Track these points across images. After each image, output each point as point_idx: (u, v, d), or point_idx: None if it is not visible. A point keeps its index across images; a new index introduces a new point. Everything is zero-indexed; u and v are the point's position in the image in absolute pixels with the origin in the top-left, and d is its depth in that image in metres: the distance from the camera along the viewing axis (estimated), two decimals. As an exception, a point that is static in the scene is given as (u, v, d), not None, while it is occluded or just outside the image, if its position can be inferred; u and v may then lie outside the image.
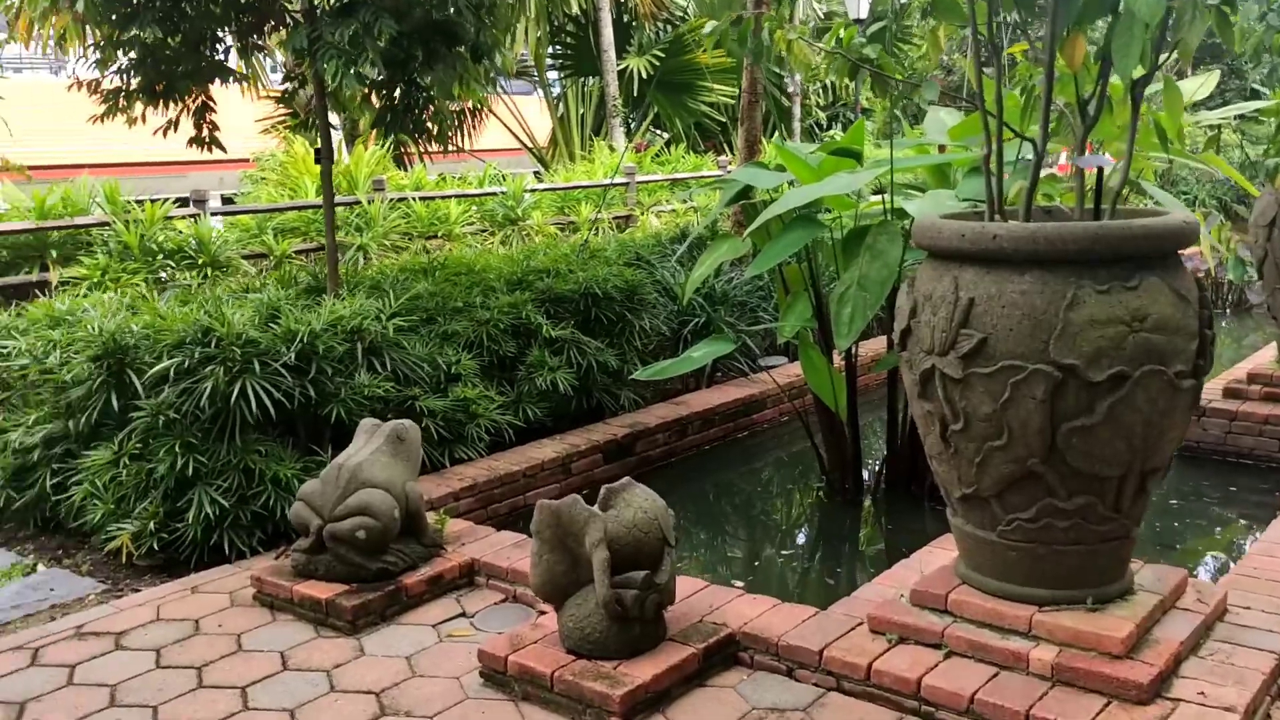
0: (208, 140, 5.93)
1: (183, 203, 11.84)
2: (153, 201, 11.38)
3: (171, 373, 4.40)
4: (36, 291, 10.87)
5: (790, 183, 5.15)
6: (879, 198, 5.21)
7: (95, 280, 10.43)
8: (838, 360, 5.32)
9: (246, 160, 26.52)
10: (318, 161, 5.82)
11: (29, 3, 7.45)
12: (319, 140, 6.02)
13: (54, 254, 10.80)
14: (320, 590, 3.77)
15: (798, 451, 6.33)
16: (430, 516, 4.24)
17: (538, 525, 3.24)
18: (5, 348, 4.98)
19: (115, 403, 4.52)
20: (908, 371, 3.13)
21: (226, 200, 21.57)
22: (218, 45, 5.81)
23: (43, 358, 4.80)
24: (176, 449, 4.30)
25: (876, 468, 5.66)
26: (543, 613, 3.66)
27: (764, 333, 7.11)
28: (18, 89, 18.75)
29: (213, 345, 4.44)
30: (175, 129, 5.88)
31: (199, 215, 11.56)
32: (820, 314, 5.20)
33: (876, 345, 7.42)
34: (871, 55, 3.82)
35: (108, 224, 10.98)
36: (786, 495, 5.89)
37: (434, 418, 5.01)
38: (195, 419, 4.38)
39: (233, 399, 4.34)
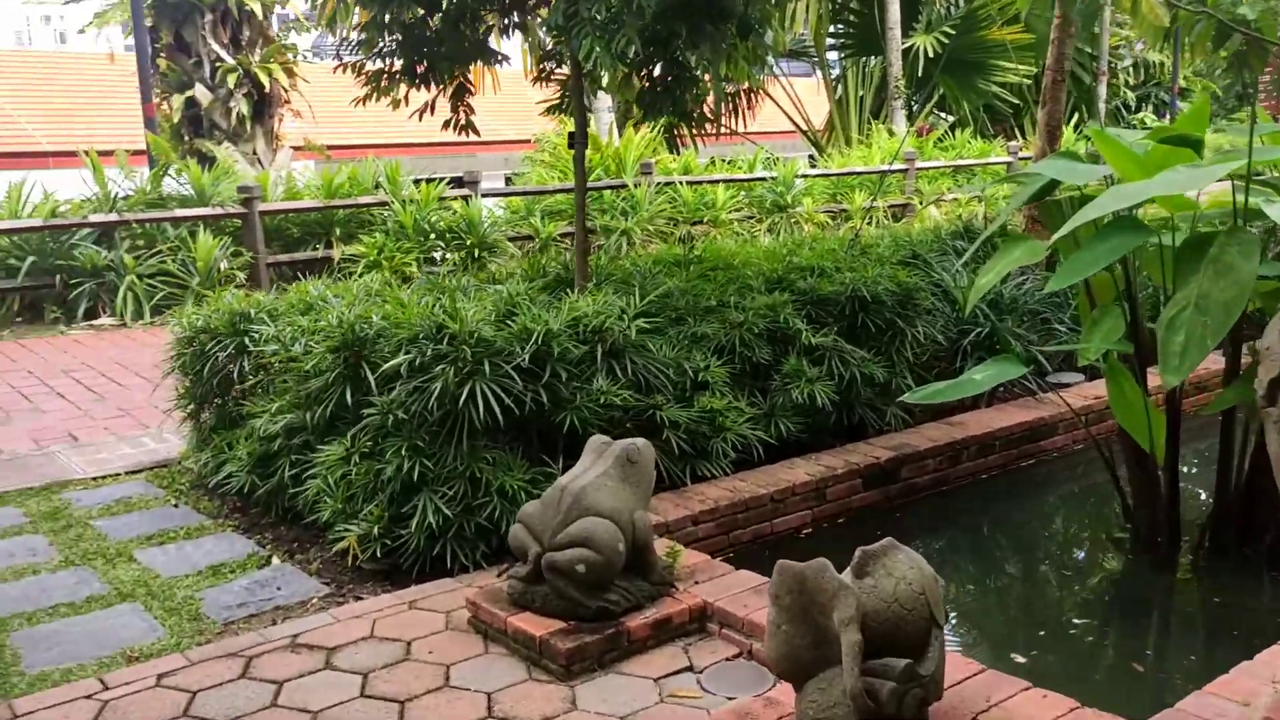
0: (463, 124, 5.74)
1: (457, 183, 12.06)
2: (428, 182, 11.66)
3: (404, 370, 4.18)
4: (320, 268, 11.40)
5: (1108, 178, 4.30)
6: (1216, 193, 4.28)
7: (371, 258, 10.78)
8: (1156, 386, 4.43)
9: (528, 141, 27.27)
10: (571, 146, 5.48)
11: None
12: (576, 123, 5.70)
13: (338, 231, 11.27)
14: (535, 626, 3.39)
15: (1093, 486, 5.44)
16: (662, 546, 3.79)
17: (777, 590, 2.70)
18: (258, 332, 4.96)
19: (350, 397, 4.36)
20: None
21: (509, 181, 22.16)
22: (478, 25, 5.59)
23: (289, 344, 4.72)
24: (404, 451, 4.07)
25: (1199, 520, 4.70)
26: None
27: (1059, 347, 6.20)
28: (320, 72, 20.05)
29: (445, 342, 4.17)
30: (432, 112, 5.73)
31: (470, 196, 11.74)
32: (1136, 334, 4.33)
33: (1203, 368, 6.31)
34: (1249, 14, 2.99)
35: (387, 204, 11.35)
36: (1079, 543, 5.04)
37: (676, 429, 4.56)
38: (424, 420, 4.13)
39: (461, 401, 4.06)
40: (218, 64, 14.71)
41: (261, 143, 15.36)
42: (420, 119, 5.73)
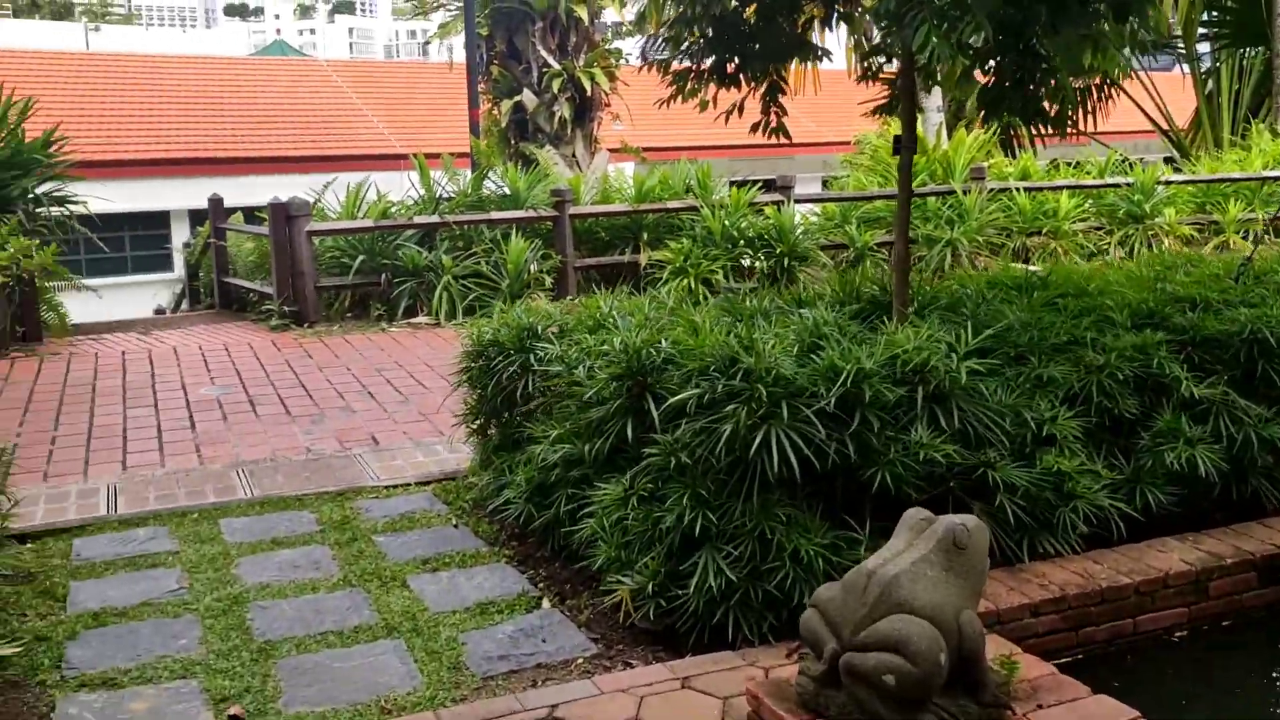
0: (774, 127, 5.17)
1: (769, 187, 11.54)
2: (740, 186, 11.22)
3: (691, 406, 3.66)
4: (626, 273, 11.26)
5: None
6: None
7: (677, 265, 10.47)
8: None
9: (847, 143, 26.35)
10: (896, 152, 4.77)
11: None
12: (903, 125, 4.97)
13: (645, 236, 11.07)
14: (826, 742, 2.76)
15: None
16: (992, 646, 3.04)
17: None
18: (544, 350, 4.63)
19: (632, 431, 3.90)
20: None
21: (826, 185, 21.32)
22: (797, 17, 5.00)
23: (573, 366, 4.35)
24: (686, 500, 3.56)
25: None
26: None
27: None
28: (641, 75, 20.21)
29: (738, 378, 3.62)
30: (740, 114, 5.19)
31: (783, 202, 11.18)
32: None
33: None
34: None
35: (696, 209, 11.01)
36: None
37: (1012, 494, 3.76)
38: (710, 466, 3.60)
39: (753, 447, 3.48)
40: (545, 69, 15.03)
41: (581, 146, 15.56)
42: (726, 122, 5.22)
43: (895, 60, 5.52)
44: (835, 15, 5.09)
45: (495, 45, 15.33)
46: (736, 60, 4.97)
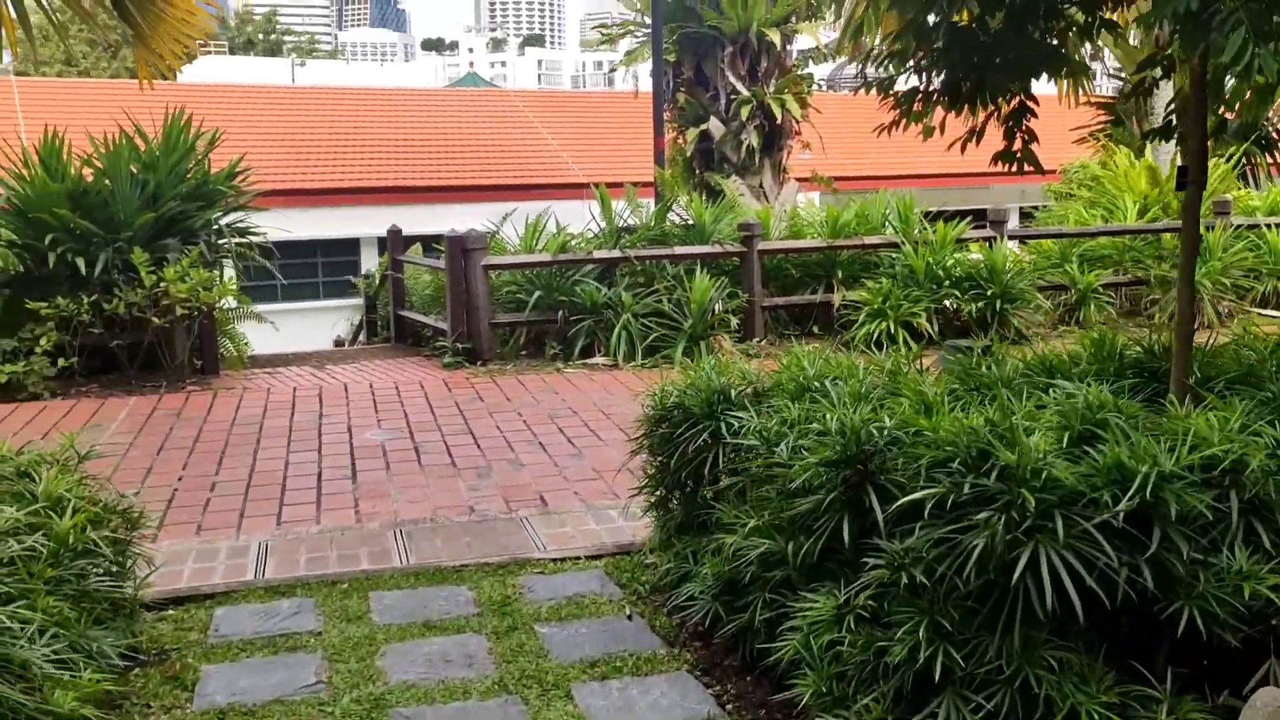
0: (1019, 156, 4.34)
1: (978, 218, 10.55)
2: (944, 219, 10.28)
3: (927, 508, 2.90)
4: (818, 313, 10.46)
5: None
6: None
7: (875, 306, 9.62)
8: None
9: (1052, 172, 24.52)
10: (1181, 186, 3.87)
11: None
12: (1177, 154, 4.08)
13: (840, 274, 10.26)
14: None
15: None
16: None
17: None
18: (738, 420, 3.94)
19: (848, 531, 3.16)
20: None
21: (1024, 216, 19.86)
22: (1053, 25, 4.17)
23: (773, 442, 3.64)
24: (921, 629, 2.80)
25: None
26: None
27: None
28: (832, 102, 19.43)
29: (992, 476, 2.83)
30: (978, 141, 4.39)
31: (995, 238, 10.17)
32: None
33: None
34: None
35: (896, 245, 10.14)
36: None
37: (1361, 643, 2.82)
38: (954, 588, 2.82)
39: (1016, 572, 2.69)
40: (733, 96, 14.43)
41: (769, 176, 14.87)
42: (963, 150, 4.42)
43: (1162, 75, 4.63)
44: (1097, 23, 4.23)
45: (682, 72, 14.85)
46: (975, 77, 4.17)
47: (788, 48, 15.24)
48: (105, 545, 3.63)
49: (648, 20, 15.24)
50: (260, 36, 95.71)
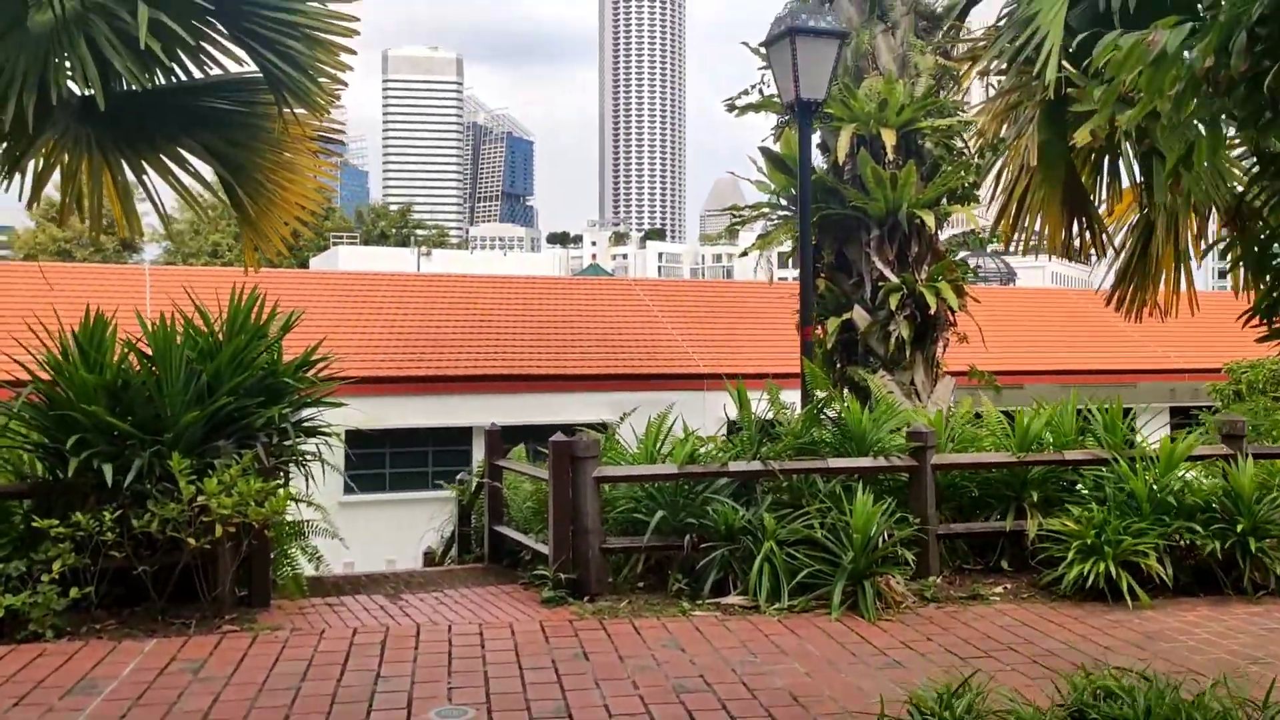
0: None
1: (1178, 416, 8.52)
2: (1173, 435, 8.30)
3: None
4: (1006, 545, 8.45)
5: None
6: None
7: (1088, 540, 7.61)
8: None
9: (1216, 370, 22.22)
10: None
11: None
12: None
13: (1033, 495, 8.30)
14: None
15: None
16: None
17: None
18: None
19: None
20: None
21: (1195, 420, 17.41)
22: None
23: None
24: None
25: None
26: None
27: None
28: (985, 292, 17.74)
29: None
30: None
31: (1234, 455, 8.11)
32: None
33: None
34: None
35: (1105, 462, 8.17)
36: None
37: None
38: None
39: None
40: (880, 283, 12.87)
41: (921, 372, 13.11)
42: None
43: None
44: None
45: (822, 256, 13.41)
46: None
47: (940, 230, 13.74)
48: None
49: (783, 202, 13.99)
50: (394, 231, 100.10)
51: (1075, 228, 13.62)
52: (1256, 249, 4.93)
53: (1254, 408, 16.82)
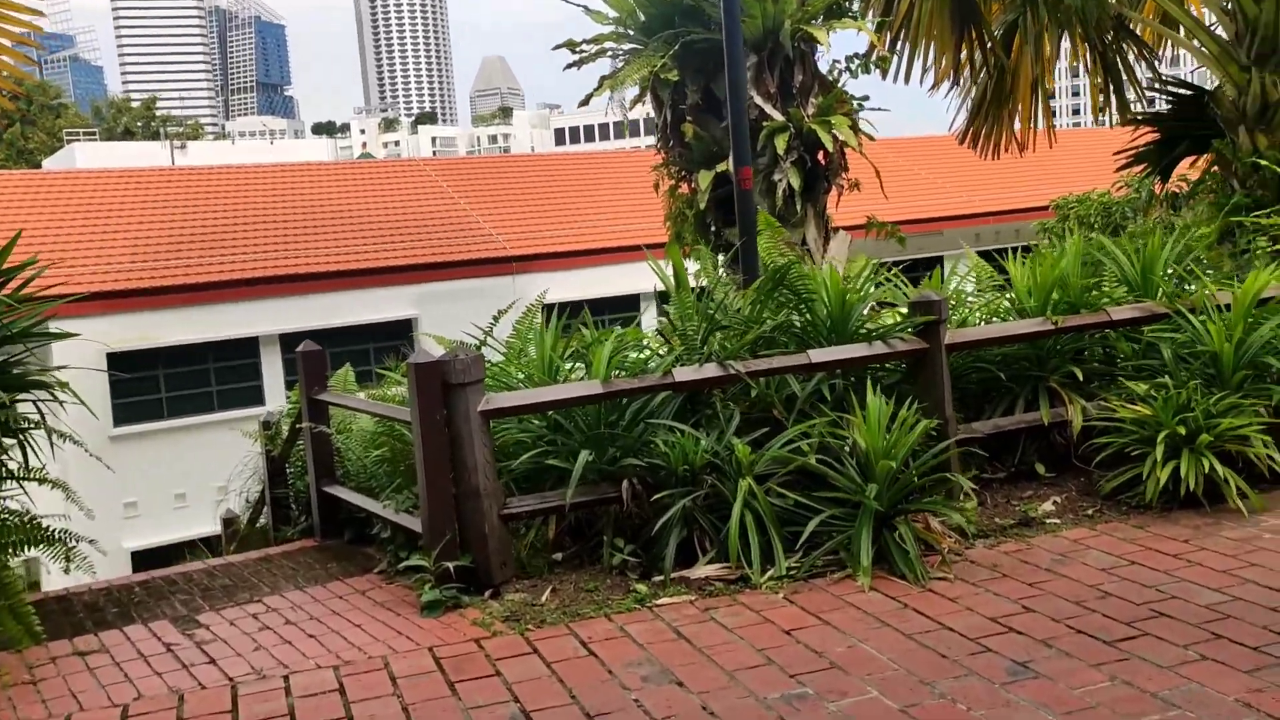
0: None
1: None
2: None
3: None
4: (1025, 440, 6.37)
5: None
6: None
7: (1168, 429, 5.64)
8: None
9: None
10: None
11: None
12: None
13: (1054, 376, 6.30)
14: None
15: None
16: None
17: None
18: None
19: None
20: None
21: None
22: None
23: None
24: None
25: None
26: None
27: None
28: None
29: None
30: None
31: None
32: None
33: None
34: None
35: (1164, 317, 6.22)
36: None
37: None
38: None
39: None
40: (763, 123, 10.53)
41: (813, 228, 10.98)
42: None
43: None
44: None
45: (686, 96, 10.93)
46: None
47: (818, 55, 11.47)
48: None
49: (630, 32, 11.33)
50: (139, 126, 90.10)
51: (965, 48, 11.63)
52: None
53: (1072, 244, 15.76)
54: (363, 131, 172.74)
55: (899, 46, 10.72)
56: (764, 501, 5.01)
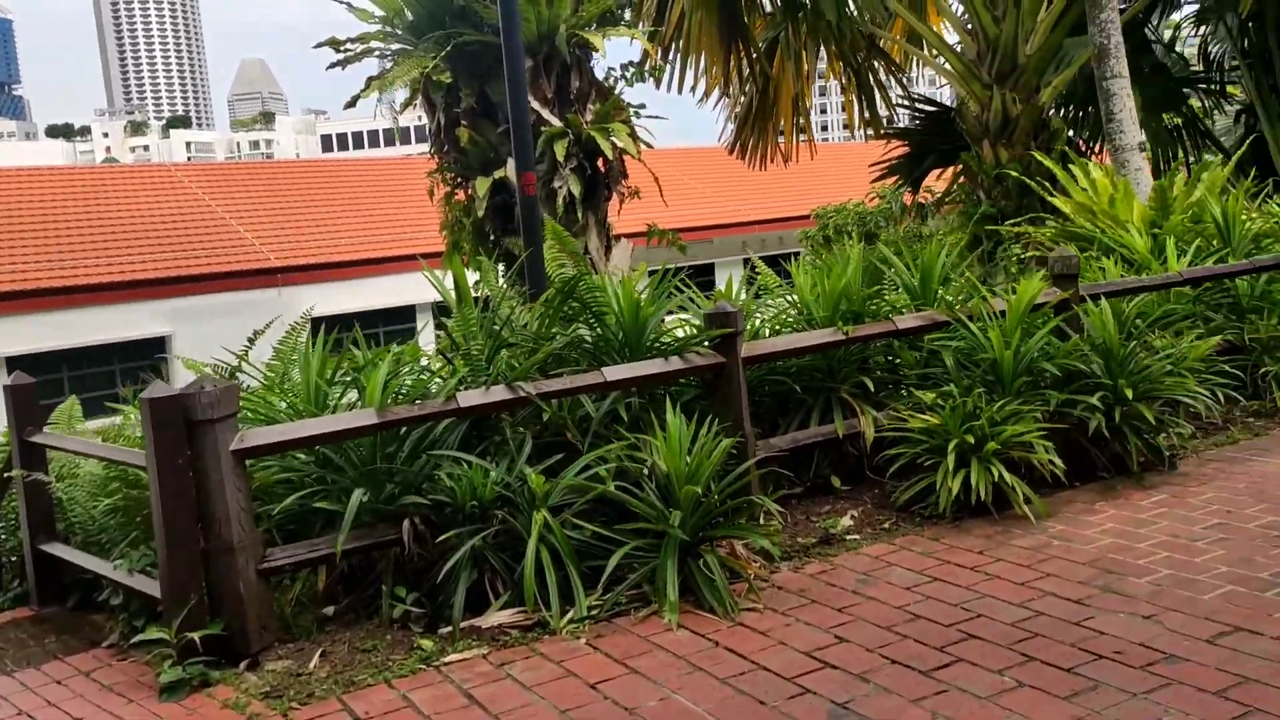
0: None
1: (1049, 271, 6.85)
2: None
3: None
4: (819, 452, 6.25)
5: None
6: None
7: (956, 438, 5.60)
8: None
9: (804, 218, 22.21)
10: None
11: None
12: None
13: (844, 386, 6.21)
14: None
15: None
16: None
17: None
18: None
19: None
20: None
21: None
22: None
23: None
24: None
25: None
26: None
27: None
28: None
29: None
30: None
31: (1074, 300, 6.47)
32: None
33: None
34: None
35: (944, 325, 6.23)
36: None
37: None
38: None
39: None
40: (542, 129, 10.15)
41: (595, 235, 10.70)
42: None
43: None
44: None
45: (460, 99, 10.41)
46: None
47: (593, 62, 11.22)
48: None
49: (398, 32, 10.71)
50: None
51: (733, 59, 11.70)
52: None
53: (843, 253, 16.49)
54: (106, 135, 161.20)
55: (671, 56, 10.66)
56: (561, 535, 4.60)
